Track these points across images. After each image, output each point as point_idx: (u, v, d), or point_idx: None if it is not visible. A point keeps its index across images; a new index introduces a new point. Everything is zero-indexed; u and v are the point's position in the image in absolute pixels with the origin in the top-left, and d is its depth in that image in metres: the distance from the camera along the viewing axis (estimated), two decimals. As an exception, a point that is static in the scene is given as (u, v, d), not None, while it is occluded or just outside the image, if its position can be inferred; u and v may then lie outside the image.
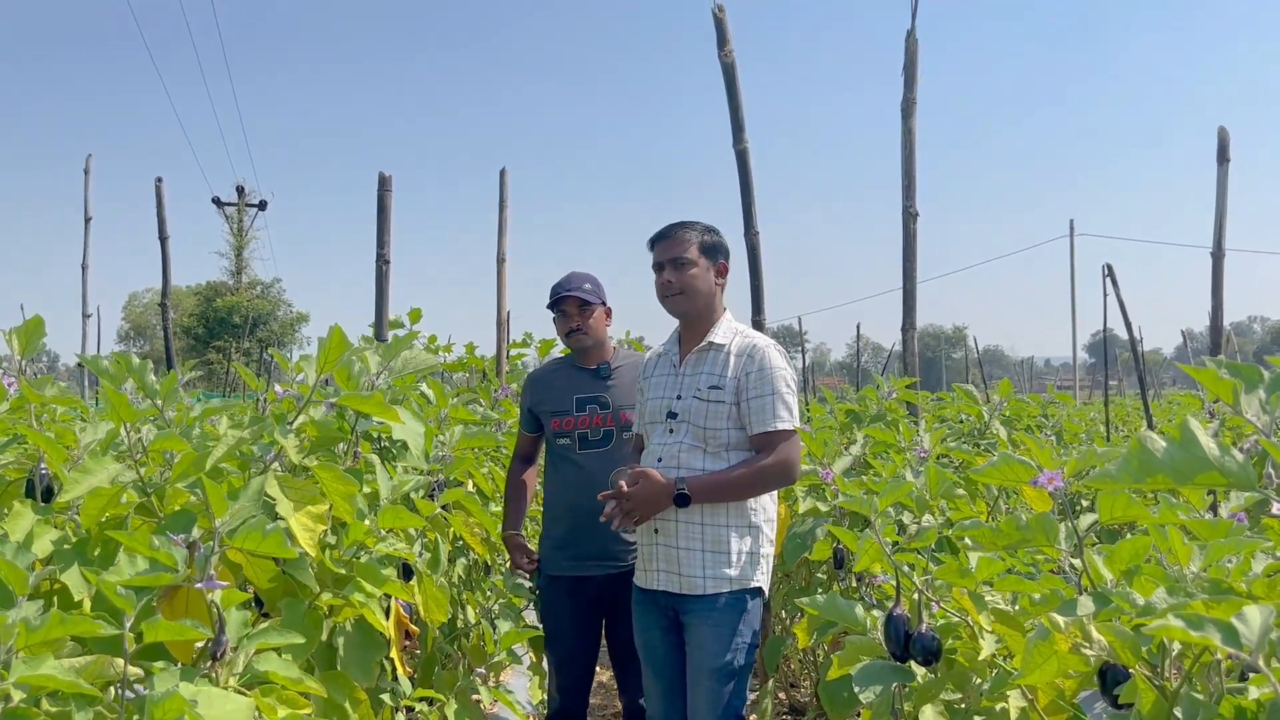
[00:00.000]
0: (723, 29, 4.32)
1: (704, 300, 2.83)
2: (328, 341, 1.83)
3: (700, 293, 2.81)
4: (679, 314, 2.87)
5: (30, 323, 2.12)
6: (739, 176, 4.40)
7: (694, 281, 2.80)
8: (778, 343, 2.87)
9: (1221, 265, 4.68)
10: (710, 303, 2.86)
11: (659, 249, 2.85)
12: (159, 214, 5.74)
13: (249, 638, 1.58)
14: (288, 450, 1.79)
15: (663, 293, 2.83)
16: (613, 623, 3.31)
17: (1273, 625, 0.89)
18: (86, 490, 1.71)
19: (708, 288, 2.83)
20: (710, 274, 2.84)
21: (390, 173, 4.89)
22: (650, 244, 2.90)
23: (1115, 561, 1.48)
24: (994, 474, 1.63)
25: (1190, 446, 1.04)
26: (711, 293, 2.85)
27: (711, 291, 2.85)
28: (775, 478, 2.71)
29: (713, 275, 2.85)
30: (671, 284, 2.80)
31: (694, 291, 2.80)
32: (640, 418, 3.00)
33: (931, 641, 1.88)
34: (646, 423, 2.92)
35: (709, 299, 2.85)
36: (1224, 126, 4.85)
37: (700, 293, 2.81)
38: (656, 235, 2.88)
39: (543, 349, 6.33)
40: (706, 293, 2.83)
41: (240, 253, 34.85)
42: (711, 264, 2.85)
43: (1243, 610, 0.89)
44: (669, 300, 2.84)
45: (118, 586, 1.35)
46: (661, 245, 2.85)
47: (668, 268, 2.81)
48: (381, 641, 2.12)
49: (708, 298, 2.84)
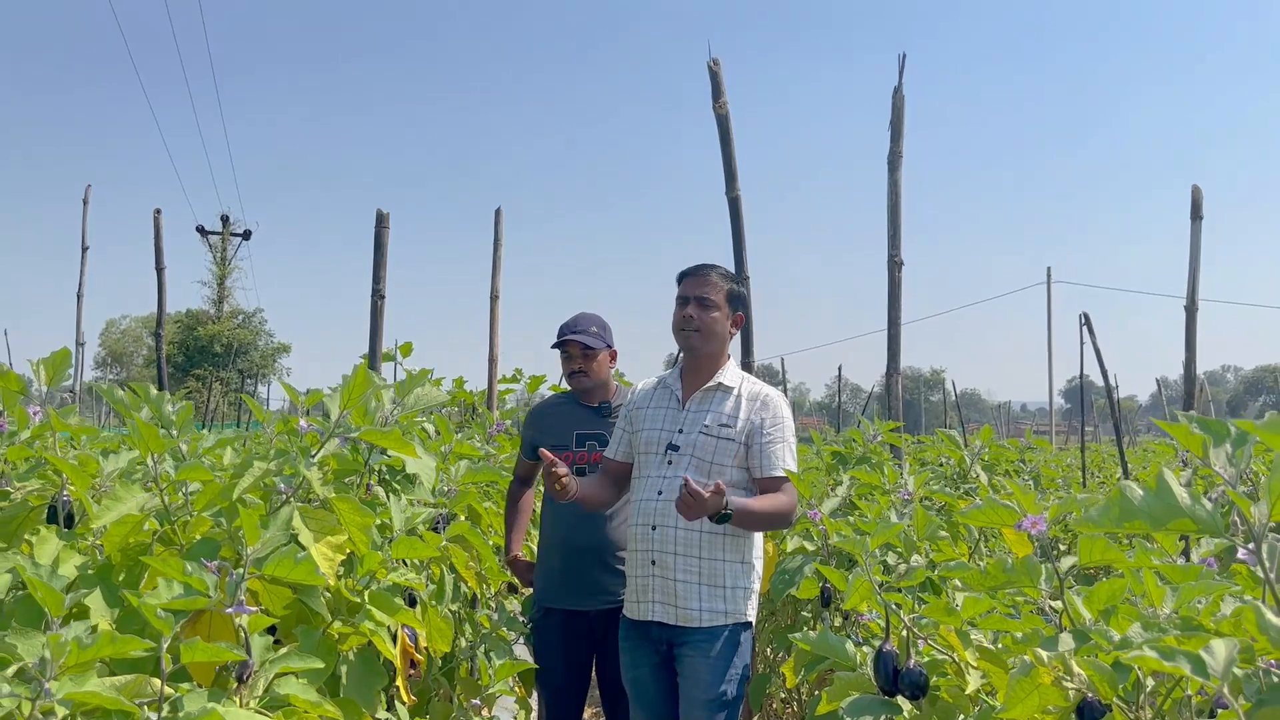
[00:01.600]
0: (717, 81, 4.47)
1: (717, 343, 2.95)
2: (352, 380, 1.92)
3: (716, 335, 2.93)
4: (690, 350, 2.97)
5: (56, 355, 2.20)
6: (731, 223, 4.54)
7: (713, 324, 2.92)
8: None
9: (1194, 318, 4.84)
10: (722, 347, 2.99)
11: (688, 284, 2.96)
12: (156, 245, 5.82)
13: (271, 662, 1.66)
14: (312, 483, 1.88)
15: (681, 326, 2.94)
16: (603, 659, 3.38)
17: (1236, 658, 0.99)
18: (117, 517, 1.78)
19: (723, 332, 2.96)
20: (728, 321, 2.97)
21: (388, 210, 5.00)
22: (680, 277, 3.01)
23: (1094, 602, 1.58)
24: (979, 516, 1.73)
25: (1165, 495, 1.14)
26: (725, 338, 2.98)
27: (725, 337, 2.98)
28: (785, 518, 2.83)
29: (729, 323, 2.98)
30: (692, 319, 2.91)
31: (711, 333, 2.92)
32: (625, 445, 3.06)
33: (919, 677, 1.97)
34: (640, 452, 2.99)
35: (722, 343, 2.97)
36: (1197, 185, 5.03)
37: (716, 335, 2.93)
38: (689, 270, 3.00)
39: (532, 385, 6.42)
40: (721, 336, 2.95)
41: (223, 282, 34.81)
42: (731, 313, 2.98)
43: (1210, 644, 0.99)
44: (685, 335, 2.95)
45: (158, 609, 1.42)
46: (691, 281, 2.96)
47: (692, 304, 2.92)
48: (382, 671, 2.18)
49: (721, 341, 2.96)
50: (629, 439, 3.06)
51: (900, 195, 4.56)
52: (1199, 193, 5.02)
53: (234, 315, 34.73)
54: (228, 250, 35.21)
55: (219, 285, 34.81)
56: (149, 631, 1.48)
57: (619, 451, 3.08)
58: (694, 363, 3.00)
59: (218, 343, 31.78)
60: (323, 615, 1.96)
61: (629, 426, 3.08)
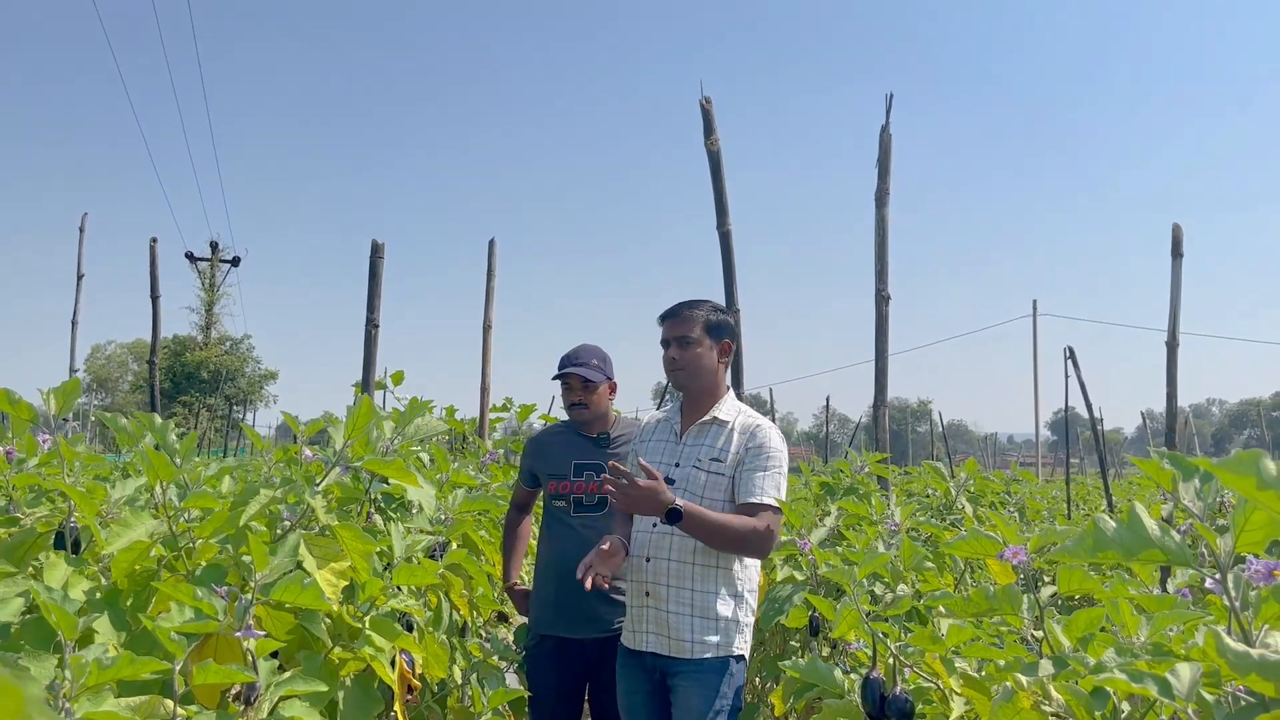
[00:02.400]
0: (709, 119, 4.57)
1: (706, 378, 2.98)
2: (356, 411, 1.97)
3: (703, 370, 2.97)
4: (681, 388, 3.03)
5: (66, 385, 2.25)
6: (722, 257, 4.62)
7: (697, 360, 2.95)
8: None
9: (1175, 354, 4.93)
10: (713, 379, 3.00)
11: (667, 326, 3.01)
12: (152, 273, 5.87)
13: (276, 685, 1.71)
14: (317, 510, 1.93)
15: (668, 367, 3.00)
16: (595, 687, 3.42)
17: (1200, 680, 1.05)
18: (126, 543, 1.83)
19: (710, 365, 2.98)
20: (714, 353, 2.99)
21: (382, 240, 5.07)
22: (660, 320, 3.06)
23: (1072, 630, 1.64)
24: (964, 547, 1.80)
25: (1136, 527, 1.21)
26: (714, 369, 3.00)
27: (714, 369, 3.00)
28: (756, 543, 2.78)
29: (716, 354, 2.99)
30: (675, 360, 2.96)
31: (696, 369, 2.96)
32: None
33: (905, 704, 2.03)
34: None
35: (711, 376, 2.99)
36: (1178, 223, 5.14)
37: (703, 370, 2.97)
38: (666, 313, 3.04)
39: (522, 414, 6.48)
40: (709, 370, 2.98)
41: (211, 308, 34.77)
42: (715, 343, 2.99)
43: (1176, 667, 1.05)
44: (674, 375, 2.99)
45: (171, 632, 1.47)
46: (669, 323, 3.01)
47: (673, 345, 2.97)
48: (379, 697, 2.23)
49: (710, 375, 2.99)
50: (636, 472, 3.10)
51: (888, 231, 4.64)
52: (1179, 231, 5.13)
53: (222, 341, 34.66)
54: (216, 276, 35.20)
55: (207, 311, 34.76)
56: (159, 654, 1.53)
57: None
58: (690, 398, 3.04)
59: (205, 369, 31.69)
60: (324, 641, 2.00)
61: (634, 459, 3.13)
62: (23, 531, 2.17)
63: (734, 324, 3.10)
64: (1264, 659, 0.90)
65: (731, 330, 3.07)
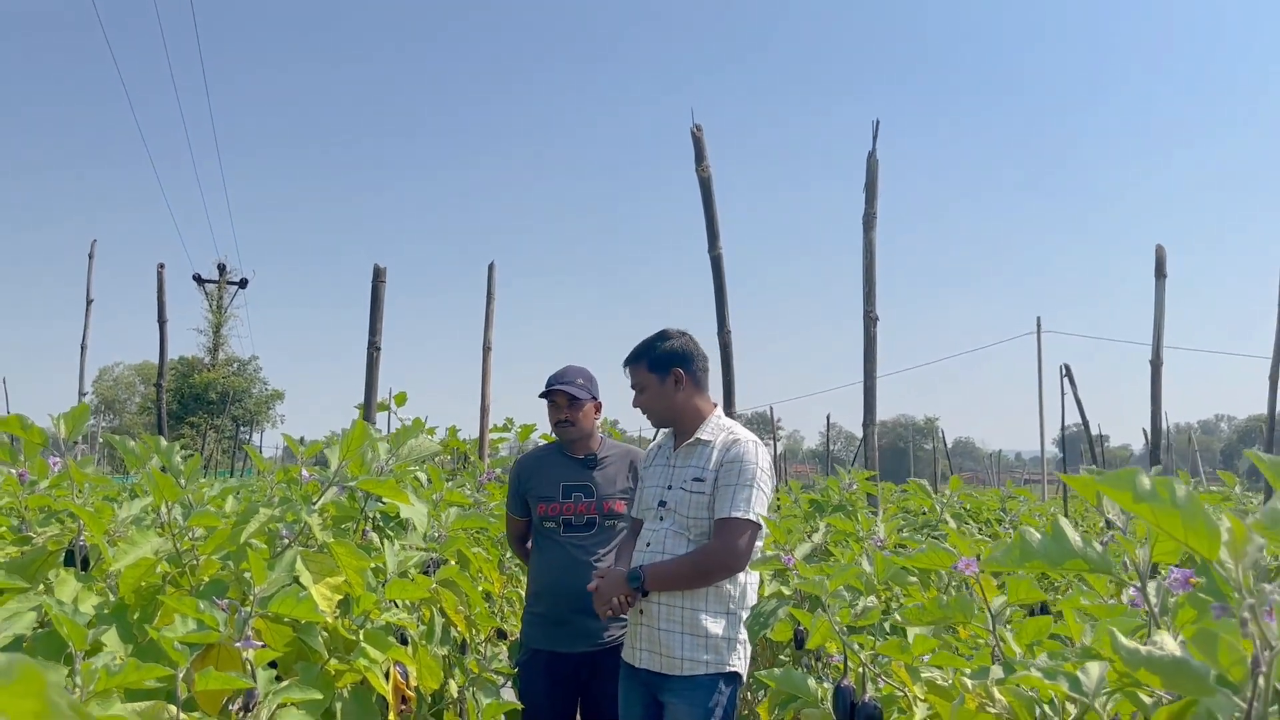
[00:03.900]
0: (700, 146, 4.70)
1: (671, 411, 3.12)
2: (350, 433, 2.09)
3: (666, 406, 3.11)
4: (661, 426, 3.21)
5: (76, 410, 2.37)
6: (713, 280, 4.74)
7: (653, 402, 3.12)
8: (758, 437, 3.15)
9: (1160, 373, 5.03)
10: (684, 406, 3.11)
11: (629, 375, 3.19)
12: (159, 298, 6.00)
13: (274, 693, 1.81)
14: (313, 528, 2.04)
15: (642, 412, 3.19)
16: (587, 701, 3.51)
17: (1106, 677, 1.15)
18: (133, 560, 1.94)
19: (670, 398, 3.10)
20: (668, 384, 3.10)
21: (384, 265, 5.20)
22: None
23: (1023, 637, 1.74)
24: (923, 559, 1.90)
25: (1060, 539, 1.31)
26: (673, 400, 3.10)
27: (673, 399, 3.10)
28: (719, 564, 2.87)
29: (671, 384, 3.10)
30: (642, 407, 3.16)
31: (656, 409, 3.13)
32: (638, 504, 3.25)
33: (874, 710, 2.12)
34: (643, 509, 3.17)
35: (678, 407, 3.11)
36: (1161, 245, 5.25)
37: (666, 406, 3.11)
38: (624, 362, 3.21)
39: (523, 434, 6.59)
40: (668, 402, 3.10)
41: (218, 330, 35.02)
42: (665, 376, 3.09)
43: (1086, 665, 1.15)
44: (648, 418, 3.19)
45: (175, 642, 1.58)
46: (628, 373, 3.19)
47: (635, 393, 3.16)
48: (375, 709, 2.33)
49: (672, 406, 3.11)
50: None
51: (875, 254, 4.75)
52: (1163, 252, 5.24)
53: (229, 363, 34.90)
54: (224, 298, 35.47)
55: (214, 333, 35.02)
56: (164, 662, 1.64)
57: (638, 509, 3.25)
58: (676, 427, 3.17)
59: (212, 390, 31.91)
60: (320, 653, 2.11)
61: (641, 485, 3.27)
62: (34, 550, 2.28)
63: (681, 347, 3.13)
64: (1150, 654, 1.00)
65: (680, 355, 3.11)
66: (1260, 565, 0.91)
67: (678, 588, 2.91)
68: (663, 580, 2.89)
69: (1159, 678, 0.99)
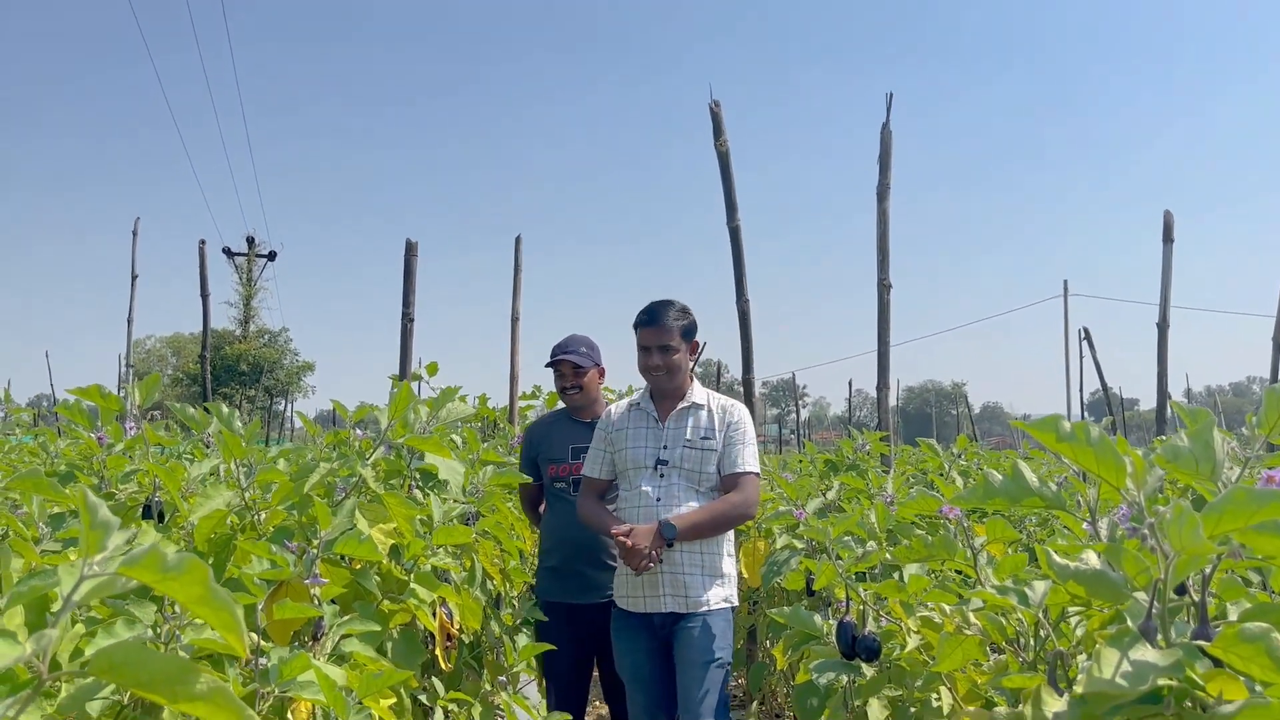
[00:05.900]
0: (718, 121, 4.87)
1: (682, 375, 3.42)
2: (397, 396, 2.33)
3: (680, 370, 3.40)
4: (659, 386, 3.42)
5: (148, 380, 2.62)
6: (732, 250, 4.93)
7: (677, 363, 3.38)
8: (766, 398, 3.46)
9: (1166, 336, 5.18)
10: (685, 375, 3.44)
11: (647, 334, 3.38)
12: (201, 273, 6.27)
13: (337, 625, 2.05)
14: (368, 480, 2.28)
15: (648, 370, 3.39)
16: (604, 655, 3.72)
17: (1049, 591, 1.36)
18: (208, 511, 2.18)
19: (685, 365, 3.43)
20: (687, 352, 3.43)
21: (416, 239, 5.43)
22: (636, 325, 3.42)
23: (1001, 572, 1.95)
24: (912, 506, 2.11)
25: (1019, 479, 1.51)
26: (687, 368, 3.45)
27: (687, 367, 3.45)
28: (741, 514, 3.29)
29: (688, 353, 3.44)
30: (659, 366, 3.36)
31: (676, 370, 3.38)
32: (607, 464, 3.46)
33: (873, 642, 2.34)
34: (628, 468, 3.39)
35: (685, 374, 3.44)
36: (1169, 210, 5.39)
37: (680, 370, 3.40)
38: (644, 320, 3.41)
39: (550, 400, 6.83)
40: (684, 369, 3.42)
41: (249, 302, 35.51)
42: (688, 344, 3.43)
43: (1032, 582, 1.36)
44: (654, 377, 3.39)
45: (254, 578, 1.82)
46: (649, 331, 3.38)
47: (655, 353, 3.36)
48: (422, 648, 2.57)
49: (685, 373, 3.44)
50: (610, 458, 3.46)
51: (889, 223, 4.92)
52: (1170, 217, 5.38)
53: (260, 335, 35.42)
54: (253, 271, 35.94)
55: (245, 305, 35.52)
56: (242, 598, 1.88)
57: (602, 470, 3.48)
58: (663, 390, 3.42)
59: (244, 361, 32.43)
60: (375, 593, 2.35)
61: (609, 447, 3.47)
62: (116, 505, 2.53)
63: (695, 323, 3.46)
64: (1076, 569, 1.21)
65: (697, 328, 3.46)
66: (1159, 491, 1.11)
67: (703, 536, 3.24)
68: (692, 530, 3.20)
69: (1084, 588, 1.20)
